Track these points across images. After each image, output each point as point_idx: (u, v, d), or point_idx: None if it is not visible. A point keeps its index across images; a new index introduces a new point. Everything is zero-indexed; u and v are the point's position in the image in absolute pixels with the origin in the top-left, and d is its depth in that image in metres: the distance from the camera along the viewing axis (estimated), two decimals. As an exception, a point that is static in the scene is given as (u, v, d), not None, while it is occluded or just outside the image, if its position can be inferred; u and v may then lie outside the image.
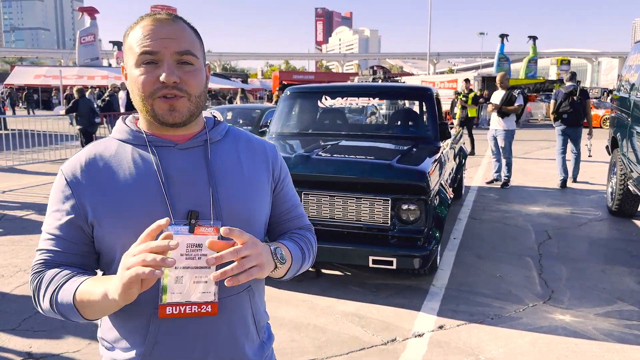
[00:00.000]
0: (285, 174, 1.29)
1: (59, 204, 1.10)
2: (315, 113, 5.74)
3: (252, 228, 1.14)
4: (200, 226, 1.04)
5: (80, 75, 37.27)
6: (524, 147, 13.96)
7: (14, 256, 4.92)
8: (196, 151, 1.12)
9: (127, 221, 1.05)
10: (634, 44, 6.96)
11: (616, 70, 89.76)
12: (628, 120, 6.01)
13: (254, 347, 1.20)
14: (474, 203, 7.19)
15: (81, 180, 1.08)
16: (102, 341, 1.18)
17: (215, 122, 1.21)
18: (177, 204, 1.06)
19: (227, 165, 1.14)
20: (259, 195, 1.18)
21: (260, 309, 1.24)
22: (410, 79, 29.64)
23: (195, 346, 1.09)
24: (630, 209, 6.27)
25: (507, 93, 8.20)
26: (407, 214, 3.86)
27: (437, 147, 4.91)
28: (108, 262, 1.11)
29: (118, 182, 1.07)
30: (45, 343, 3.24)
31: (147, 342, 1.08)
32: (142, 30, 1.07)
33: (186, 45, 1.07)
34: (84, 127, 10.19)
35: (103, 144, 1.14)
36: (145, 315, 1.07)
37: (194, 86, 1.08)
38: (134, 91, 1.08)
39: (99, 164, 1.10)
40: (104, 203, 1.06)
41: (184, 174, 1.09)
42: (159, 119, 1.07)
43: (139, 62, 1.06)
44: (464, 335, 3.38)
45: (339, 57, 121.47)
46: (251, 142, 1.24)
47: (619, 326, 3.51)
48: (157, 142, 1.11)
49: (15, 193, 7.89)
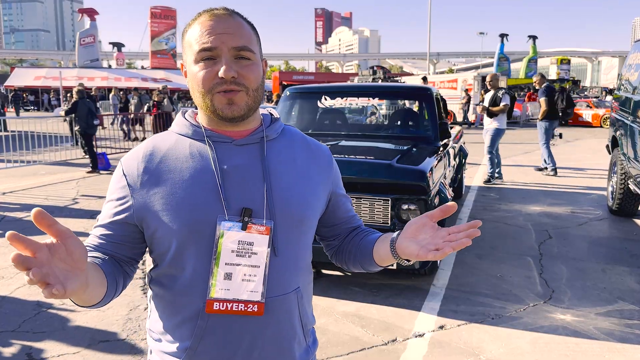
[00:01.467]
0: (339, 176, 1.31)
1: (114, 194, 1.12)
2: (315, 113, 5.73)
3: (303, 228, 1.15)
4: (252, 224, 1.05)
5: (80, 76, 37.30)
6: (525, 147, 13.95)
7: (14, 258, 4.91)
8: (252, 148, 1.13)
9: (180, 213, 1.05)
10: (634, 42, 6.95)
11: (616, 70, 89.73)
12: (628, 119, 6.00)
13: (300, 349, 1.20)
14: (474, 203, 7.19)
15: (137, 171, 1.10)
16: (150, 332, 1.20)
17: (272, 120, 1.21)
18: (231, 199, 1.07)
19: (282, 163, 1.14)
20: (313, 195, 1.18)
21: (307, 312, 1.23)
22: (410, 78, 29.61)
23: (240, 344, 1.09)
24: (631, 208, 6.26)
25: (493, 94, 8.28)
26: (407, 214, 3.85)
27: (437, 147, 4.90)
28: (161, 253, 1.11)
29: (175, 175, 1.08)
30: (45, 345, 3.24)
31: (194, 336, 1.08)
32: (200, 26, 1.08)
33: (243, 41, 1.08)
34: (83, 128, 10.18)
35: (162, 137, 1.15)
36: (194, 310, 1.08)
37: (251, 80, 1.09)
38: (193, 87, 1.10)
39: (157, 156, 1.11)
40: (159, 195, 1.07)
41: (239, 170, 1.09)
42: (218, 113, 1.08)
43: (198, 59, 1.07)
44: (464, 335, 3.38)
45: (338, 58, 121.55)
46: (307, 143, 1.24)
47: (619, 325, 3.50)
48: (215, 137, 1.11)
49: (15, 194, 7.88)
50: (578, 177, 9.13)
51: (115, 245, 1.11)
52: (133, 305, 3.84)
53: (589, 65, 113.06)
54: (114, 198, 1.11)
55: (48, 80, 38.15)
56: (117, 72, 43.73)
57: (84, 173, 9.82)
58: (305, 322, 1.20)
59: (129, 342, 3.28)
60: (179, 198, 1.06)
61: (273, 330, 1.12)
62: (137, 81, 41.65)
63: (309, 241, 1.21)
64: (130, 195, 1.09)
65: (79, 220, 6.26)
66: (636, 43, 6.73)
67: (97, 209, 6.85)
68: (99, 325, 3.51)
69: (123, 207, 1.09)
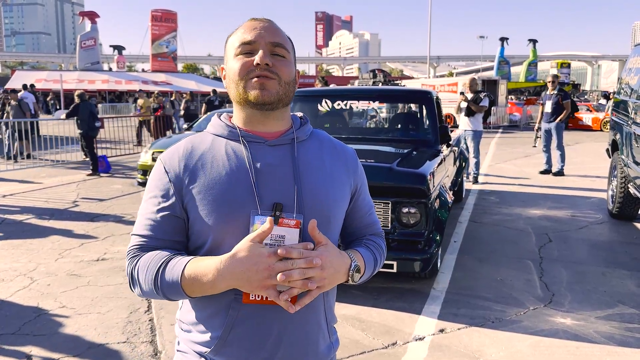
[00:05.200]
0: (363, 179, 1.34)
1: (156, 191, 1.16)
2: (316, 116, 5.74)
3: (331, 225, 1.20)
4: (284, 218, 1.11)
5: (80, 79, 37.37)
6: (526, 150, 13.96)
7: (14, 260, 4.92)
8: (284, 148, 1.19)
9: (216, 208, 1.11)
10: (633, 46, 6.97)
11: (616, 73, 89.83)
12: (628, 123, 6.01)
13: (324, 344, 1.25)
14: (475, 206, 7.19)
15: (178, 168, 1.15)
16: (180, 323, 1.24)
17: (302, 123, 1.27)
18: (263, 195, 1.12)
19: (311, 163, 1.20)
20: (340, 194, 1.23)
21: (332, 309, 1.28)
22: (411, 82, 29.63)
23: (269, 335, 1.14)
24: (631, 212, 6.26)
25: (474, 96, 8.81)
26: (407, 218, 3.86)
27: (438, 151, 4.91)
28: (198, 246, 1.16)
29: (211, 171, 1.14)
30: (45, 347, 3.24)
31: (225, 326, 1.13)
32: (242, 29, 1.19)
33: (280, 39, 1.17)
34: (85, 131, 10.20)
35: (200, 137, 1.22)
36: (226, 301, 1.13)
37: (284, 72, 1.16)
38: (230, 79, 1.18)
39: (196, 154, 1.17)
40: (197, 190, 1.13)
41: (271, 169, 1.15)
42: (249, 98, 1.14)
43: (237, 53, 1.16)
44: (464, 338, 3.38)
45: (339, 61, 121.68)
46: (334, 145, 1.30)
47: (620, 329, 3.50)
48: (249, 138, 1.18)
49: (15, 197, 7.89)
50: (578, 181, 9.13)
51: (169, 241, 1.16)
52: (133, 308, 3.84)
53: (589, 69, 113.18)
54: (158, 195, 1.16)
55: (49, 83, 38.12)
56: (118, 75, 43.74)
57: (84, 176, 9.83)
58: (329, 318, 1.26)
59: (130, 345, 3.27)
60: (216, 194, 1.12)
61: (301, 323, 1.17)
62: (137, 84, 41.66)
63: (335, 238, 1.25)
64: (174, 190, 1.15)
65: (80, 223, 6.26)
66: (636, 47, 6.75)
67: (97, 212, 6.86)
68: (100, 328, 3.51)
69: (169, 202, 1.15)
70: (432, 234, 3.99)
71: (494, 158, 12.45)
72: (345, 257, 1.15)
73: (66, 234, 5.80)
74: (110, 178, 9.71)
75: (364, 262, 1.22)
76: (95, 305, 3.90)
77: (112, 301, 3.95)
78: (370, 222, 1.35)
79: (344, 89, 6.62)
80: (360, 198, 1.31)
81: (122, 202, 7.53)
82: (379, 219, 1.49)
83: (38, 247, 5.33)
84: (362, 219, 1.33)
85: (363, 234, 1.34)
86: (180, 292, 1.09)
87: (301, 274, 1.02)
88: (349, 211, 1.30)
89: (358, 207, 1.31)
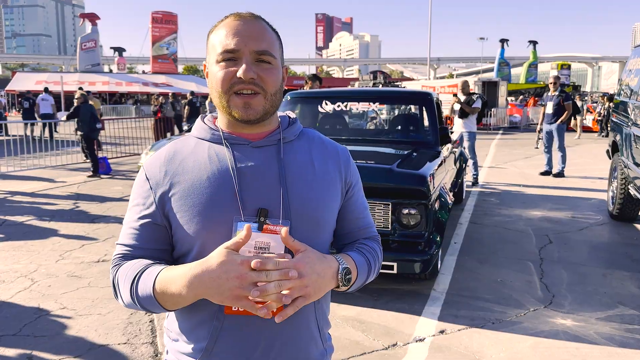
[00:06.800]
0: (357, 179, 1.27)
1: (138, 199, 1.13)
2: (316, 118, 5.75)
3: (320, 229, 1.15)
4: (268, 224, 1.05)
5: (81, 81, 37.31)
6: (526, 151, 13.96)
7: (14, 262, 4.92)
8: (270, 149, 1.14)
9: (197, 214, 1.07)
10: (633, 48, 6.97)
11: (616, 75, 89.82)
12: (628, 124, 6.01)
13: (317, 352, 1.20)
14: (475, 207, 7.19)
15: (159, 175, 1.12)
16: (167, 331, 1.21)
17: (290, 122, 1.22)
18: (247, 200, 1.07)
19: (299, 165, 1.15)
20: (330, 197, 1.17)
21: (325, 314, 1.23)
22: (411, 83, 29.65)
23: (256, 345, 1.10)
24: (631, 213, 6.26)
25: (467, 98, 8.89)
26: (407, 219, 3.86)
27: (438, 152, 4.91)
28: (182, 253, 1.12)
29: (192, 176, 1.10)
30: (46, 348, 3.24)
31: (210, 337, 1.09)
32: (224, 29, 1.10)
33: (265, 45, 1.09)
34: (85, 133, 10.21)
35: (182, 142, 1.18)
36: (210, 311, 1.09)
37: (270, 83, 1.10)
38: (212, 87, 1.11)
39: (177, 159, 1.13)
40: (178, 197, 1.09)
41: (256, 171, 1.10)
42: (234, 115, 1.10)
43: (219, 60, 1.09)
44: (465, 339, 3.38)
45: (339, 63, 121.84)
46: (324, 144, 1.23)
47: (620, 330, 3.50)
48: (232, 140, 1.13)
49: (16, 198, 7.89)
50: (578, 182, 9.13)
51: (154, 250, 1.13)
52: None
53: (589, 71, 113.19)
54: (140, 203, 1.13)
55: (49, 85, 38.17)
56: (118, 77, 43.77)
57: (84, 177, 9.84)
58: (322, 325, 1.20)
59: (130, 346, 3.28)
60: (196, 199, 1.08)
61: (290, 332, 1.12)
62: (138, 86, 41.70)
63: (327, 243, 1.20)
64: (154, 198, 1.11)
65: (80, 225, 6.27)
66: (636, 48, 6.76)
67: (97, 213, 6.86)
68: (100, 329, 3.51)
69: (149, 210, 1.11)
70: (433, 235, 3.99)
71: (495, 159, 12.45)
72: (331, 260, 1.08)
73: (67, 236, 5.81)
74: (110, 180, 9.72)
75: (355, 265, 1.14)
76: (95, 306, 3.90)
77: (113, 302, 3.95)
78: (364, 225, 1.27)
79: (344, 90, 6.63)
80: (353, 198, 1.24)
81: (123, 203, 7.53)
82: (378, 221, 1.46)
83: (39, 248, 5.33)
84: (355, 222, 1.25)
85: (356, 237, 1.26)
86: (156, 304, 1.04)
87: (277, 287, 0.95)
88: (342, 212, 1.22)
89: (351, 208, 1.24)
